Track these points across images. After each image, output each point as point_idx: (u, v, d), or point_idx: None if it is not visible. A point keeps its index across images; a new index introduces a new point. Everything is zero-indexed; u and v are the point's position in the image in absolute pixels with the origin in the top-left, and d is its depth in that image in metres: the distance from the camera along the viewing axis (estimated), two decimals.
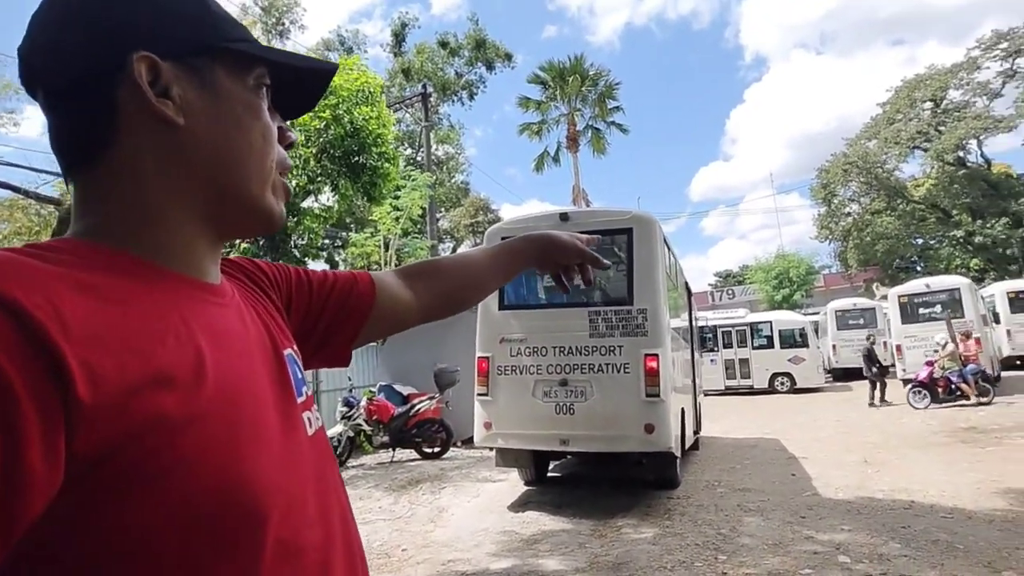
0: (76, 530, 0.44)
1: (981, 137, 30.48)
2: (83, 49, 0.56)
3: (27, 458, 0.40)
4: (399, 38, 29.15)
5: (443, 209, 30.23)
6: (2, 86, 17.12)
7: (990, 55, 29.99)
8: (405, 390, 10.61)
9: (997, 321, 17.87)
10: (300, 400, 0.67)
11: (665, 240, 6.92)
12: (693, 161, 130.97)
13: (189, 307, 0.56)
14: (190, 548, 0.48)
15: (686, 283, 9.97)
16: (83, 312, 0.46)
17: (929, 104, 31.79)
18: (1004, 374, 15.93)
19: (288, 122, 0.72)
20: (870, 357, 13.65)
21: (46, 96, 0.58)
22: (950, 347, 12.70)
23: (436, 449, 9.46)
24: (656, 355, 5.98)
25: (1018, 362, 18.14)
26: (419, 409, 9.47)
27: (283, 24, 23.83)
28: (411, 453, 9.61)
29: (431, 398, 9.55)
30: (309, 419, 0.67)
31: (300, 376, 0.70)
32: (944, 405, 12.28)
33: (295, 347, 0.74)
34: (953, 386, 12.31)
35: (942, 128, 30.41)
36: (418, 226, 19.12)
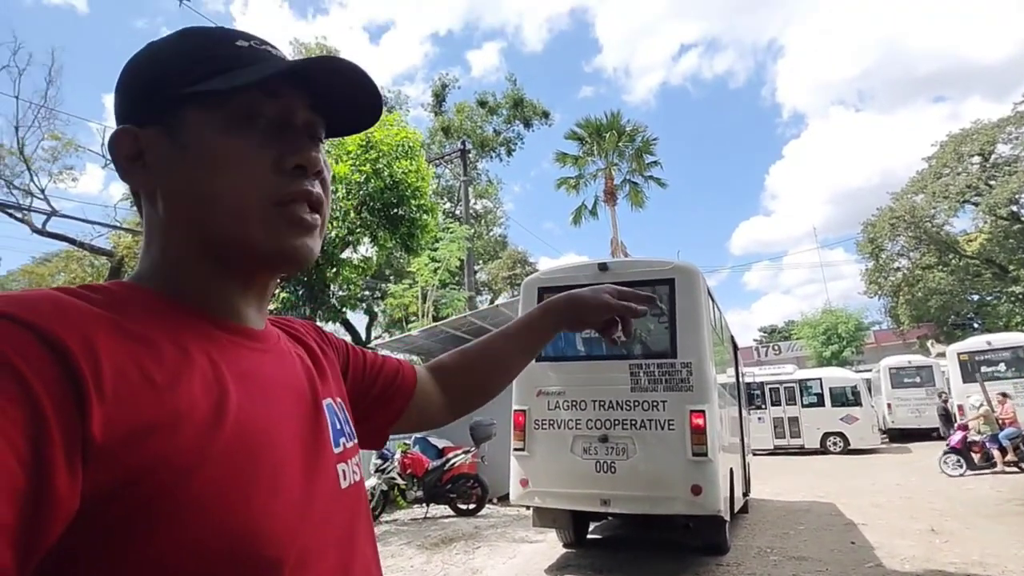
0: (79, 569, 0.45)
1: None
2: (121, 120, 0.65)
3: (54, 479, 0.42)
4: (439, 98, 30.04)
5: (481, 262, 30.44)
6: (64, 144, 18.10)
7: None
8: (440, 443, 10.40)
9: None
10: (337, 451, 0.66)
11: (709, 291, 6.69)
12: (733, 216, 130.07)
13: (220, 349, 0.58)
14: None
15: (732, 337, 9.64)
16: (114, 351, 0.48)
17: (977, 158, 31.02)
18: None
19: (324, 166, 0.68)
20: (947, 416, 12.67)
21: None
22: (984, 409, 11.98)
23: (471, 506, 9.15)
24: (703, 411, 5.69)
25: None
26: (454, 463, 9.23)
27: None
28: (445, 509, 9.32)
29: (466, 452, 9.30)
30: (344, 471, 0.67)
31: (340, 427, 0.70)
32: (980, 472, 11.47)
33: (344, 399, 0.76)
34: (988, 451, 11.51)
35: (992, 182, 29.56)
36: (456, 278, 19.21)
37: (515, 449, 6.21)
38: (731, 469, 6.71)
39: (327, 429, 0.66)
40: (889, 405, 19.57)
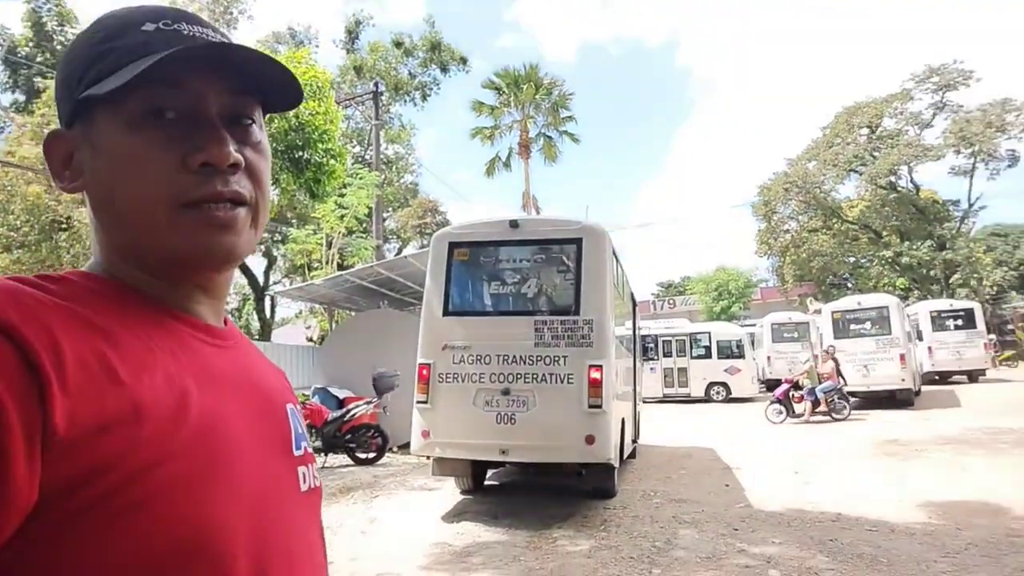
0: (36, 563, 0.44)
1: (912, 164, 32.01)
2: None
3: (13, 470, 0.42)
4: (352, 35, 28.58)
5: (390, 209, 29.79)
6: None
7: (922, 87, 31.66)
8: (341, 394, 10.34)
9: (920, 338, 18.77)
10: (298, 454, 0.66)
11: (614, 251, 6.93)
12: (640, 174, 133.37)
13: (181, 344, 0.57)
14: None
15: (632, 294, 10.05)
16: (75, 343, 0.48)
17: (866, 130, 33.25)
18: (924, 388, 16.74)
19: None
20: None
21: None
22: (808, 364, 13.68)
23: (371, 455, 9.23)
24: (600, 366, 5.96)
25: (937, 377, 19.11)
26: (355, 414, 9.22)
27: (231, 13, 23.01)
28: (345, 459, 9.34)
29: (368, 403, 9.31)
30: (304, 474, 0.66)
31: (301, 432, 0.68)
32: (798, 421, 13.00)
33: (298, 405, 0.74)
34: (815, 400, 13.10)
35: (876, 153, 31.84)
36: (363, 225, 18.75)
37: (418, 402, 6.29)
38: (623, 418, 7.12)
39: (290, 432, 0.65)
40: (769, 358, 21.19)
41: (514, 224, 6.66)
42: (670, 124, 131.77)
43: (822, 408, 13.04)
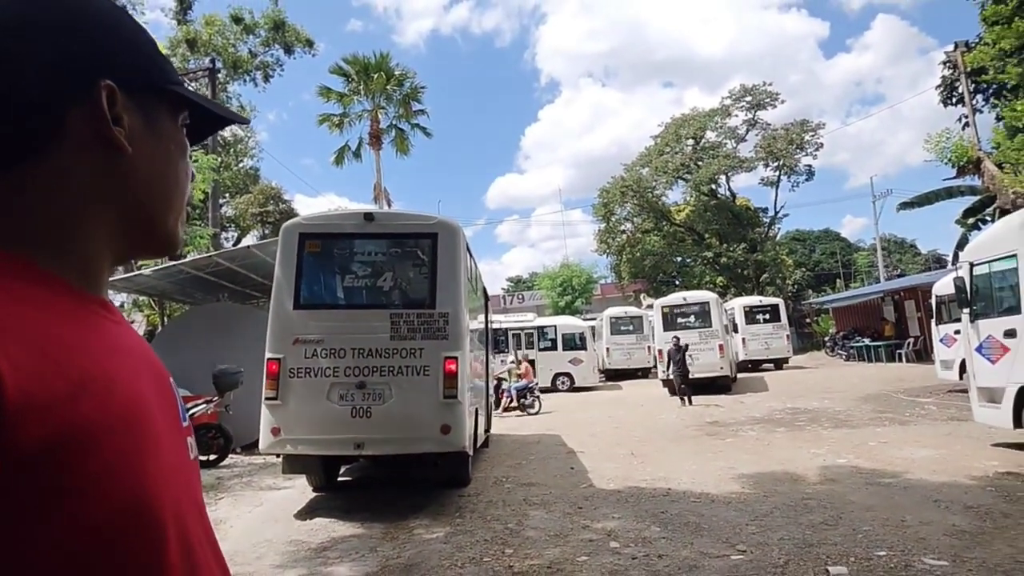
0: None
1: (729, 174, 35.84)
2: (49, 65, 0.56)
3: None
4: (184, 5, 26.29)
5: (227, 195, 27.88)
6: None
7: (738, 105, 35.47)
8: (179, 393, 9.59)
9: (736, 330, 21.07)
10: (184, 424, 0.68)
11: (468, 246, 7.11)
12: (490, 170, 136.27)
13: (94, 323, 0.57)
14: (99, 568, 0.48)
15: (484, 288, 10.32)
16: (15, 319, 0.47)
17: (691, 141, 36.61)
18: (740, 375, 18.82)
19: None
20: (678, 357, 14.56)
21: None
22: (512, 366, 16.13)
23: (212, 457, 8.70)
24: (456, 358, 6.11)
25: (750, 365, 21.57)
26: (194, 414, 8.60)
27: None
28: None
29: (208, 402, 8.74)
30: (191, 443, 0.68)
31: (183, 405, 0.71)
32: (501, 413, 14.74)
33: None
34: (510, 397, 15.43)
35: (700, 163, 35.18)
36: (198, 211, 17.41)
37: (267, 398, 6.05)
38: (476, 409, 7.34)
39: (177, 402, 0.67)
40: (608, 349, 22.69)
41: (369, 217, 6.61)
42: (520, 123, 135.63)
43: (514, 403, 15.16)
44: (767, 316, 21.99)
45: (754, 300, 23.53)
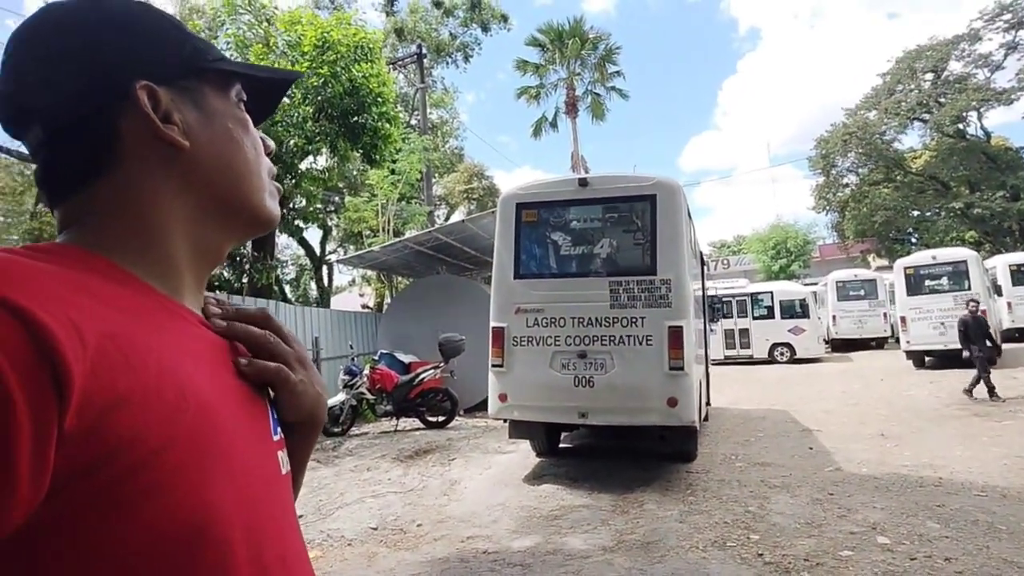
0: (44, 552, 0.43)
1: (981, 109, 30.06)
2: (85, 83, 0.57)
3: (16, 469, 0.39)
4: None
5: (437, 175, 29.67)
6: None
7: (992, 26, 29.44)
8: (407, 358, 10.39)
9: (999, 293, 17.80)
10: (276, 438, 0.65)
11: (687, 208, 6.63)
12: (686, 131, 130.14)
13: (179, 328, 0.57)
14: None
15: (700, 253, 9.73)
16: (88, 321, 0.45)
17: (930, 75, 31.28)
18: (1005, 346, 15.89)
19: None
20: (978, 331, 9.84)
21: (47, 134, 0.58)
22: None
23: (441, 419, 9.27)
24: (680, 327, 5.75)
25: (1017, 335, 18.14)
26: (423, 378, 9.25)
27: None
28: (415, 422, 9.42)
29: (435, 367, 9.31)
30: (282, 458, 0.66)
31: (276, 417, 0.67)
32: None
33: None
34: None
35: (942, 99, 29.99)
36: (414, 190, 18.68)
37: (493, 365, 6.20)
38: (700, 381, 6.91)
39: (269, 416, 0.65)
40: (834, 316, 20.47)
41: (583, 182, 6.42)
42: (716, 77, 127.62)
43: None
44: None
45: (1023, 257, 19.63)
